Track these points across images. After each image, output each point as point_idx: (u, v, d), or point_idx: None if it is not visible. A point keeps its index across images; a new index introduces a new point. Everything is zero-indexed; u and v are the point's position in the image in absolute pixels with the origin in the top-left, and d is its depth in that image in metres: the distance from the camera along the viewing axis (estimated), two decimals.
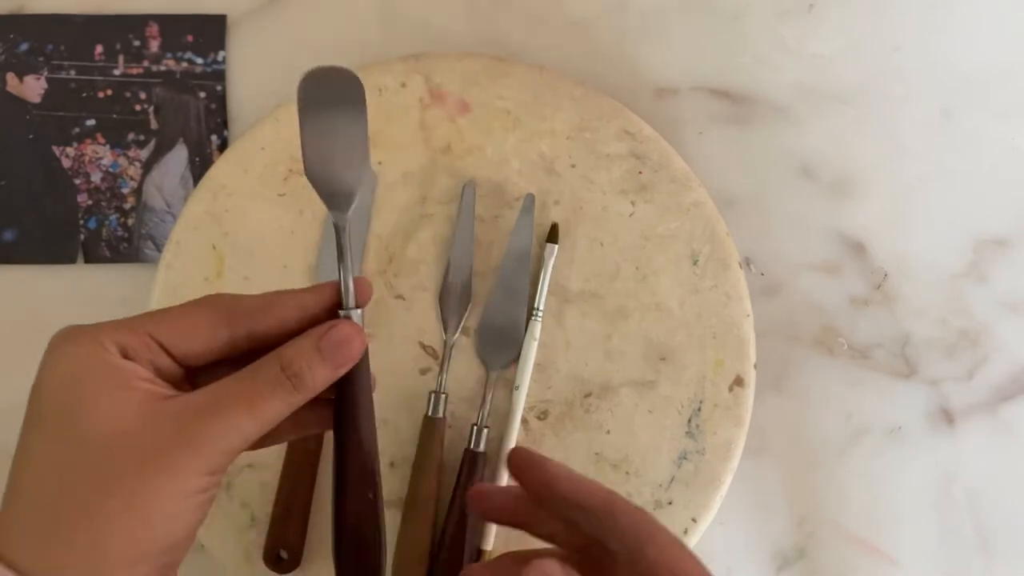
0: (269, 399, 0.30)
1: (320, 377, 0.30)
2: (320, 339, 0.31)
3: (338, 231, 0.32)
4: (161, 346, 0.30)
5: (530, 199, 0.47)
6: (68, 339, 0.30)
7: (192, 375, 0.32)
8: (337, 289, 0.32)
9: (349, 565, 0.33)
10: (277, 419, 0.30)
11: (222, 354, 0.31)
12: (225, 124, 0.50)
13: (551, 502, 0.32)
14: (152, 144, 0.50)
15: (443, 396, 0.45)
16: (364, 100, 0.31)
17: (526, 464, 0.33)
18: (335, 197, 0.31)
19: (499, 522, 0.35)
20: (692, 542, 0.44)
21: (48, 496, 0.28)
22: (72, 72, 0.50)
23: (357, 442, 0.32)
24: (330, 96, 0.31)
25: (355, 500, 0.33)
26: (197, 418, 0.29)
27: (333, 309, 0.31)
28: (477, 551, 0.44)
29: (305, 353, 0.30)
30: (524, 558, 0.32)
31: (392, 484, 0.45)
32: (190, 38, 0.51)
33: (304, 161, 0.31)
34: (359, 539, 0.33)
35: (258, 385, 0.30)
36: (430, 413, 0.44)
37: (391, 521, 0.44)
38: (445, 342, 0.45)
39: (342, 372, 0.31)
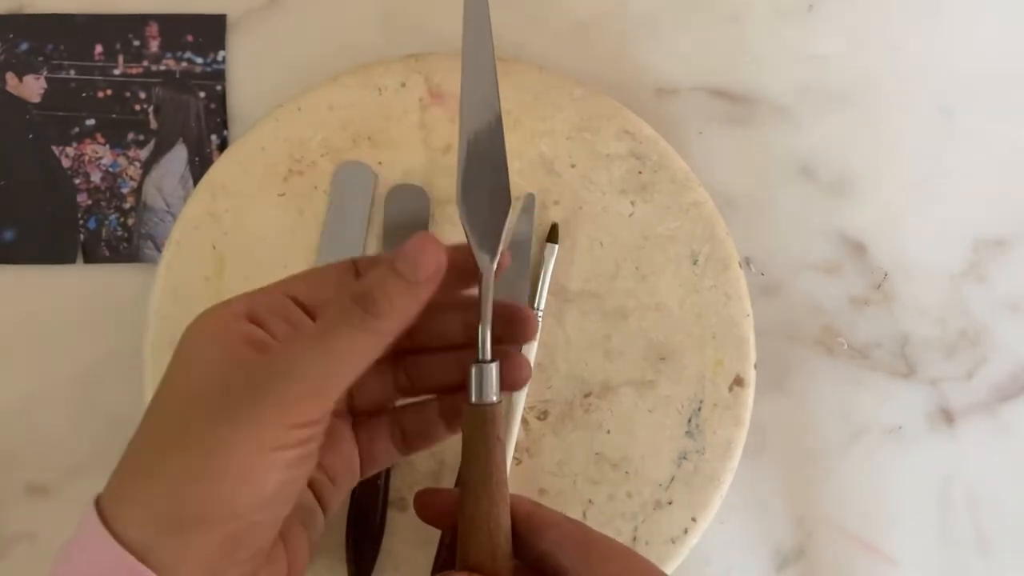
0: (341, 329, 0.27)
1: (399, 300, 0.28)
2: (394, 258, 0.28)
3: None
4: (293, 298, 0.30)
5: (530, 199, 0.47)
6: (206, 313, 0.29)
7: (348, 396, 0.32)
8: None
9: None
10: (355, 356, 0.27)
11: None
12: (225, 124, 0.50)
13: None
14: (152, 144, 0.50)
15: None
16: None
17: (426, 504, 0.33)
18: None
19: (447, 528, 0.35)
20: (692, 541, 0.44)
21: (138, 449, 0.27)
22: (72, 72, 0.50)
23: None
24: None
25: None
26: (268, 363, 0.27)
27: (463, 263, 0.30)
28: None
29: (379, 278, 0.28)
30: None
31: (392, 483, 0.45)
32: (190, 38, 0.51)
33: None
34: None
35: (327, 319, 0.28)
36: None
37: (394, 521, 0.44)
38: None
39: (425, 292, 0.29)
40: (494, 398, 0.31)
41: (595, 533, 0.31)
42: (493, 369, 0.31)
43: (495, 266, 0.31)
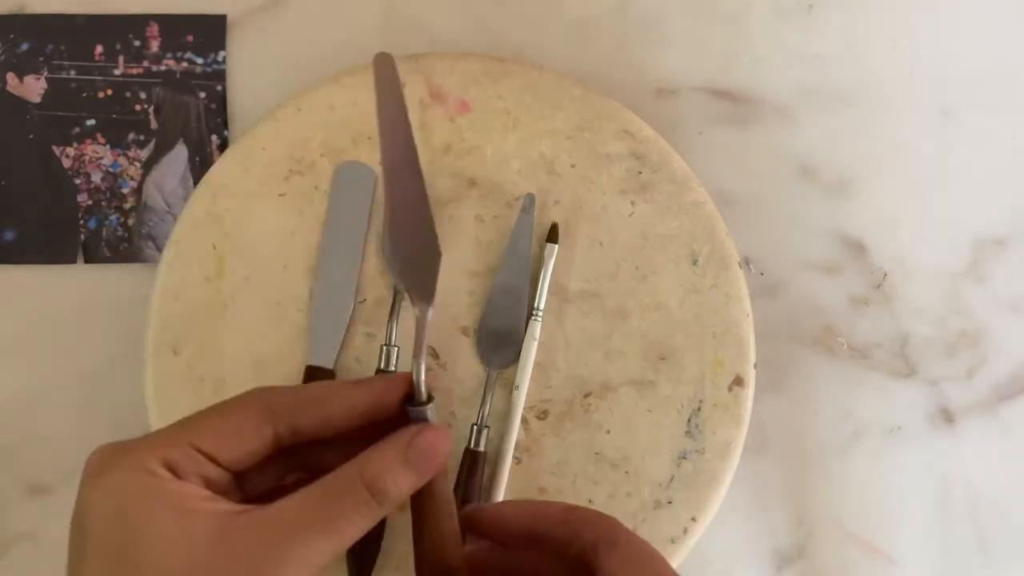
0: (352, 519, 0.27)
1: (406, 489, 0.28)
2: (407, 448, 0.28)
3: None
4: (205, 454, 0.27)
5: (530, 199, 0.47)
6: (107, 467, 0.27)
7: (239, 478, 0.29)
8: (389, 386, 0.30)
9: None
10: (359, 536, 0.28)
11: (268, 453, 0.29)
12: (225, 124, 0.50)
13: (516, 542, 0.31)
14: (152, 144, 0.50)
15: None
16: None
17: (470, 521, 0.32)
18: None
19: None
20: (692, 541, 0.44)
21: None
22: (72, 72, 0.50)
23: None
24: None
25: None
26: (275, 545, 0.26)
27: (386, 405, 0.29)
28: None
29: (391, 467, 0.28)
30: None
31: None
32: (190, 38, 0.51)
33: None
34: None
35: (341, 505, 0.27)
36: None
37: (394, 521, 0.44)
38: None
39: (428, 479, 0.29)
40: None
41: (624, 534, 0.30)
42: (429, 411, 0.30)
43: (431, 313, 0.30)
